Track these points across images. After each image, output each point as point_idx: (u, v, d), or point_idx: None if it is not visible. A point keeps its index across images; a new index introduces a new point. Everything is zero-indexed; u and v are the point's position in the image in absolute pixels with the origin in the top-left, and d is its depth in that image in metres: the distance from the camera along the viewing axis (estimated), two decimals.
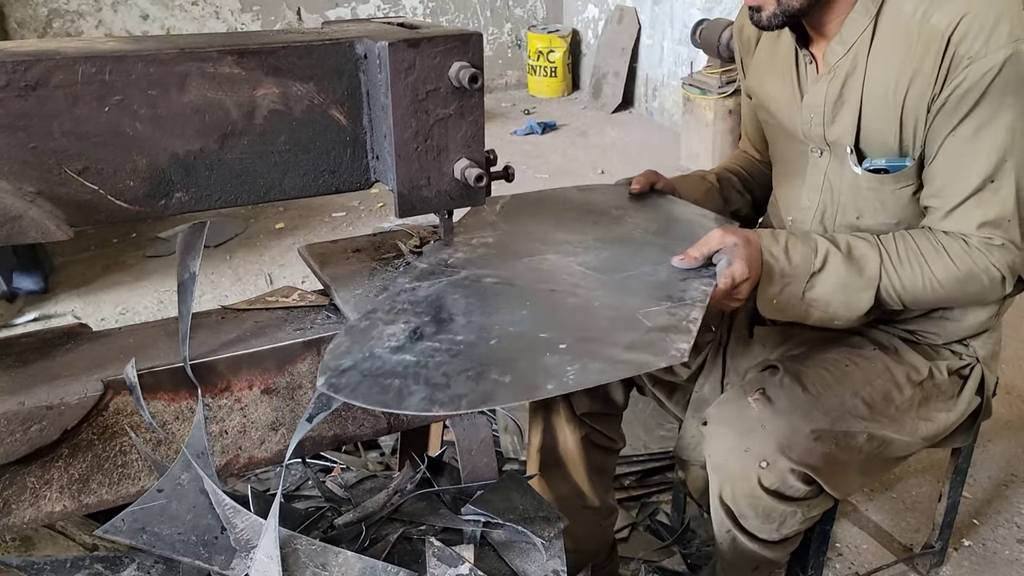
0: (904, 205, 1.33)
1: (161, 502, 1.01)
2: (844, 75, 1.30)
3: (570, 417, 1.56)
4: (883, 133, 1.29)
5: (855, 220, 1.39)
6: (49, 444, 1.01)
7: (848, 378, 1.34)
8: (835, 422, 1.29)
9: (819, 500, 1.32)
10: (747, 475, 1.26)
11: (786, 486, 1.26)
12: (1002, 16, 1.15)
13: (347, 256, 1.32)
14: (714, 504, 1.36)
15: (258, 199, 1.06)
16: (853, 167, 1.34)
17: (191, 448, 1.03)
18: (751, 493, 1.27)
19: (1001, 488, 2.16)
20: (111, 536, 0.97)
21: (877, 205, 1.35)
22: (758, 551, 1.36)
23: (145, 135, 0.96)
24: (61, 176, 0.93)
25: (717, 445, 1.31)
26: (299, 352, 1.14)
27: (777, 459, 1.24)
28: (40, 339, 1.15)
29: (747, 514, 1.31)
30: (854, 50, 1.28)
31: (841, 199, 1.39)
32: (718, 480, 1.32)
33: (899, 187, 1.32)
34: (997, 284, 1.25)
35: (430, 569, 1.06)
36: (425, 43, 1.01)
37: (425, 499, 1.25)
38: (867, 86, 1.27)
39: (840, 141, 1.34)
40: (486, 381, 0.94)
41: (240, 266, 3.54)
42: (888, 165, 1.31)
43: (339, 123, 1.06)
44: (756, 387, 1.32)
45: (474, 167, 1.08)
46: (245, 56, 0.98)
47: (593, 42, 6.19)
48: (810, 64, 1.36)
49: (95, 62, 0.90)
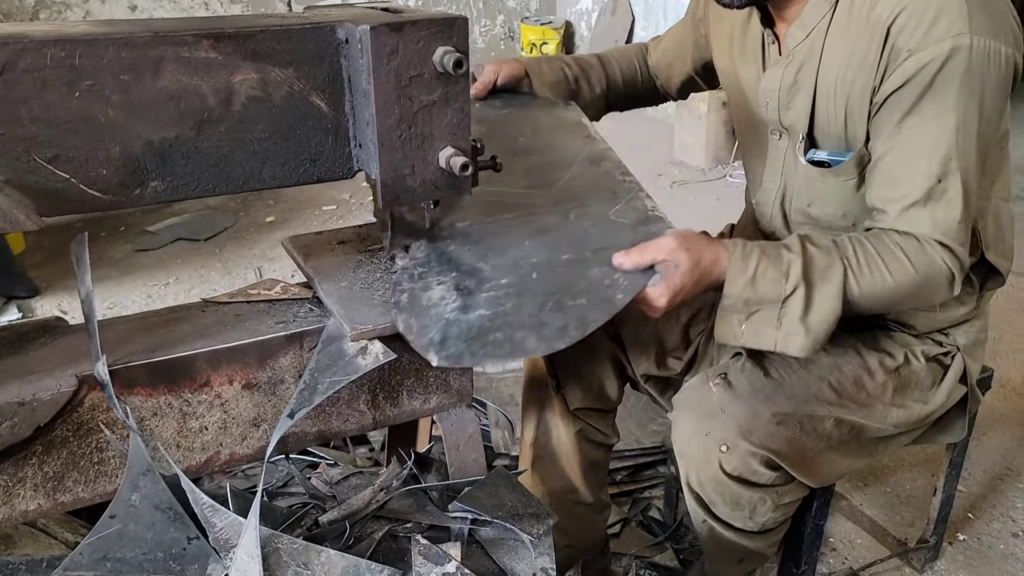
0: (849, 198, 1.32)
1: (117, 527, 0.98)
2: (800, 61, 1.28)
3: (564, 412, 1.54)
4: (831, 124, 1.27)
5: (807, 207, 1.38)
6: (22, 441, 0.97)
7: (815, 363, 1.32)
8: (798, 406, 1.27)
9: (790, 487, 1.30)
10: (709, 459, 1.26)
11: (749, 471, 1.25)
12: (942, 10, 1.12)
13: (332, 248, 1.29)
14: (686, 492, 1.35)
15: (237, 189, 1.03)
16: (799, 157, 1.33)
17: (133, 469, 1.00)
18: (715, 478, 1.27)
19: (996, 482, 2.15)
20: (72, 573, 0.94)
21: (825, 195, 1.34)
22: (738, 541, 1.35)
23: (118, 122, 0.93)
24: (30, 164, 0.90)
25: (680, 430, 1.31)
26: (281, 346, 1.11)
27: (737, 442, 1.22)
28: (14, 333, 1.12)
29: (715, 500, 1.30)
30: (812, 36, 1.26)
31: (797, 186, 1.38)
32: (684, 466, 1.32)
33: (843, 180, 1.30)
34: (946, 286, 1.22)
35: (416, 567, 1.03)
36: (408, 27, 0.98)
37: (412, 496, 1.22)
38: (821, 74, 1.26)
39: (795, 127, 1.33)
40: (568, 307, 1.05)
41: (230, 260, 3.51)
42: (829, 159, 1.30)
43: (320, 110, 1.03)
44: (718, 373, 1.31)
45: (460, 156, 1.05)
46: (222, 40, 0.95)
47: (587, 34, 6.16)
48: (772, 44, 1.35)
49: (64, 46, 0.87)
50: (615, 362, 1.55)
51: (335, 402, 1.17)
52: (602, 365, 1.54)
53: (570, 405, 1.54)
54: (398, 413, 1.23)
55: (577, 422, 1.55)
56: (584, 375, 1.51)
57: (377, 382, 1.19)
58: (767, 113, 1.36)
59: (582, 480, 1.58)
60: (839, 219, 1.35)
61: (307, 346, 1.12)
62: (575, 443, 1.56)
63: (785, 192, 1.40)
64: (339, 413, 1.18)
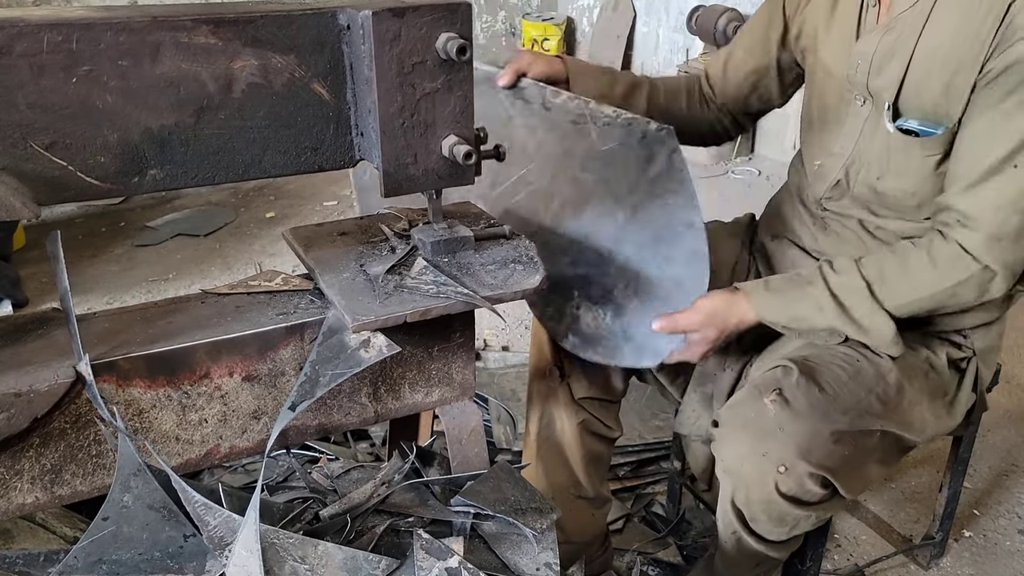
0: (927, 176, 1.29)
1: (111, 529, 0.96)
2: (903, 28, 1.26)
3: (568, 401, 1.52)
4: (924, 95, 1.25)
5: (875, 180, 1.35)
6: (19, 433, 0.96)
7: (861, 374, 1.29)
8: (853, 421, 1.24)
9: (832, 503, 1.27)
10: (764, 480, 1.21)
11: (803, 491, 1.21)
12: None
13: (333, 239, 1.27)
14: (724, 507, 1.32)
15: (237, 177, 1.01)
16: (887, 123, 1.30)
17: (124, 469, 0.98)
18: (767, 498, 1.23)
19: (1002, 478, 2.13)
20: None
21: (901, 168, 1.31)
22: (762, 551, 1.33)
23: (116, 108, 0.91)
24: (27, 151, 0.89)
25: (731, 449, 1.25)
26: (282, 337, 1.10)
27: (796, 463, 1.18)
28: (11, 325, 1.10)
29: (759, 518, 1.27)
30: (920, 5, 1.24)
31: (871, 155, 1.35)
32: (731, 484, 1.28)
33: (926, 154, 1.28)
34: (992, 283, 1.21)
35: (418, 562, 1.02)
36: (410, 12, 0.96)
37: (413, 490, 1.21)
38: (921, 44, 1.24)
39: (882, 94, 1.30)
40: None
41: (230, 255, 3.49)
42: (919, 128, 1.27)
43: (321, 97, 1.02)
44: (772, 388, 1.24)
45: (463, 144, 1.04)
46: (221, 25, 0.93)
47: (588, 30, 6.14)
48: (873, 7, 1.32)
49: (61, 30, 0.85)
50: None
51: (336, 395, 1.16)
52: None
53: (575, 395, 1.52)
54: (400, 406, 1.22)
55: (581, 412, 1.53)
56: (590, 365, 1.50)
57: (379, 375, 1.18)
58: (855, 76, 1.33)
59: (584, 474, 1.57)
60: (907, 196, 1.33)
61: (308, 338, 1.11)
62: (578, 434, 1.54)
63: (855, 161, 1.38)
64: (340, 406, 1.17)
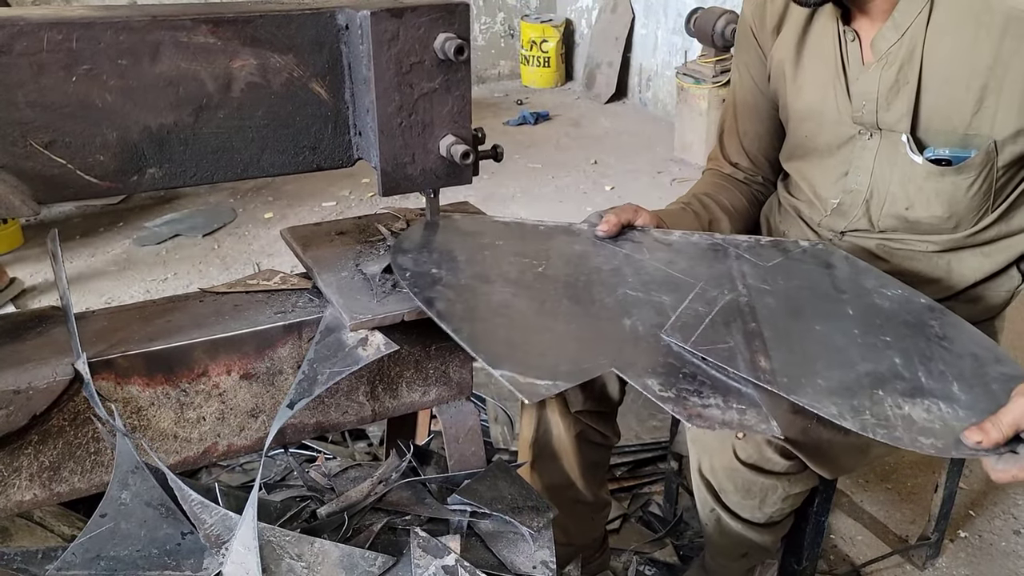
0: (959, 198, 1.29)
1: (109, 526, 0.97)
2: (900, 62, 1.25)
3: (564, 412, 1.52)
4: (949, 120, 1.24)
5: (904, 211, 1.34)
6: (17, 430, 0.96)
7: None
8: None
9: (802, 477, 1.29)
10: (723, 446, 1.26)
11: (764, 459, 1.24)
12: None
13: (331, 239, 1.28)
14: (695, 480, 1.35)
15: (235, 176, 1.02)
16: (911, 155, 1.28)
17: (121, 467, 0.99)
18: (728, 465, 1.26)
19: None
20: (65, 573, 0.93)
21: (931, 196, 1.30)
22: (743, 533, 1.34)
23: (115, 107, 0.92)
24: (27, 149, 0.89)
25: None
26: (279, 336, 1.10)
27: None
28: (10, 322, 1.11)
29: (727, 488, 1.30)
30: (909, 34, 1.24)
31: (891, 187, 1.33)
32: (696, 453, 1.32)
33: (960, 178, 1.27)
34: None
35: (415, 560, 1.02)
36: (409, 13, 0.97)
37: (410, 488, 1.21)
38: (927, 71, 1.23)
39: (895, 127, 1.29)
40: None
41: (228, 255, 3.50)
42: (951, 156, 1.26)
43: (320, 97, 1.02)
44: None
45: (460, 144, 1.04)
46: (221, 25, 0.94)
47: (587, 32, 6.15)
48: (852, 42, 1.31)
49: (61, 29, 0.86)
50: None
51: (334, 393, 1.16)
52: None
53: (571, 407, 1.52)
54: (397, 405, 1.22)
55: (578, 424, 1.52)
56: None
57: (376, 374, 1.18)
58: (863, 116, 1.32)
59: (582, 480, 1.56)
60: (943, 221, 1.32)
61: (306, 336, 1.11)
62: (575, 445, 1.53)
63: (874, 195, 1.36)
64: (338, 405, 1.17)
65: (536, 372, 0.91)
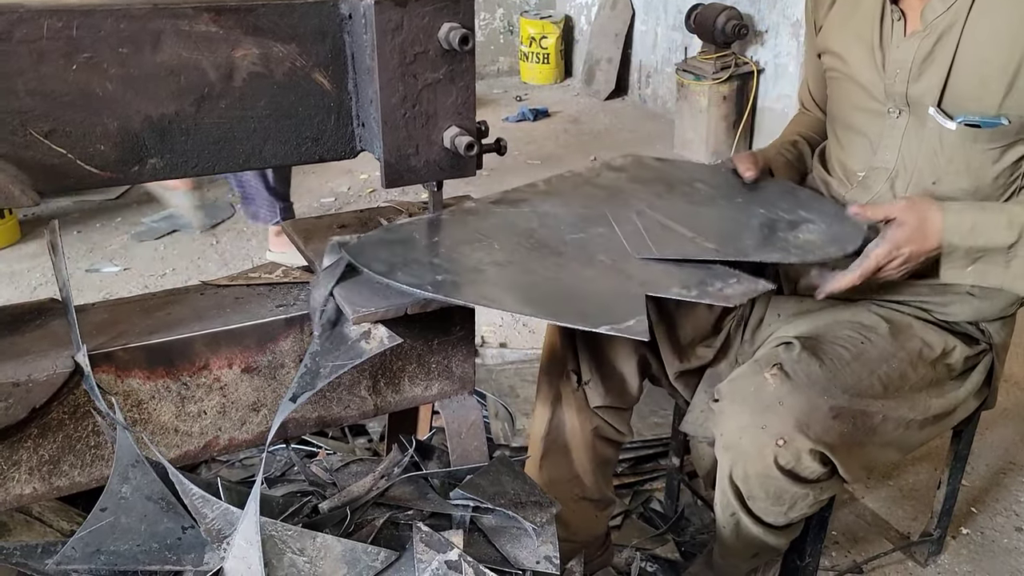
0: (986, 170, 1.30)
1: (109, 520, 0.96)
2: (939, 33, 1.27)
3: (582, 407, 1.51)
4: (980, 93, 1.26)
5: (931, 186, 1.35)
6: (17, 423, 0.95)
7: (864, 356, 1.31)
8: (852, 400, 1.25)
9: (831, 483, 1.28)
10: (762, 453, 1.22)
11: (801, 466, 1.22)
12: None
13: (333, 232, 1.27)
14: (722, 485, 1.32)
15: (238, 167, 1.01)
16: (943, 123, 1.30)
17: (122, 461, 0.98)
18: (765, 472, 1.23)
19: (1000, 476, 2.13)
20: (65, 567, 0.92)
21: (960, 167, 1.32)
22: (760, 536, 1.32)
23: (116, 96, 0.91)
24: (26, 138, 0.88)
25: (731, 423, 1.26)
26: (281, 329, 1.09)
27: (795, 437, 1.19)
28: (9, 314, 1.10)
29: (757, 495, 1.27)
30: (955, 8, 1.25)
31: (918, 163, 1.35)
32: (729, 459, 1.28)
33: (990, 147, 1.29)
34: None
35: (417, 555, 1.02)
36: (413, 2, 0.96)
37: (413, 483, 1.20)
38: (963, 45, 1.25)
39: (923, 100, 1.31)
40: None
41: (227, 252, 3.48)
42: (981, 122, 1.28)
43: (323, 87, 1.01)
44: (773, 362, 1.27)
45: (465, 135, 1.03)
46: (223, 14, 0.93)
47: (586, 28, 6.13)
48: (899, 21, 1.33)
49: (61, 16, 0.85)
50: (640, 359, 1.52)
51: (336, 387, 1.15)
52: (627, 363, 1.50)
53: (590, 403, 1.50)
54: (399, 399, 1.21)
55: (595, 419, 1.51)
56: (608, 373, 1.49)
57: (378, 368, 1.17)
58: (894, 86, 1.34)
59: (591, 476, 1.55)
60: (968, 195, 1.33)
61: (308, 329, 1.10)
62: (590, 440, 1.52)
63: (900, 172, 1.38)
64: (340, 399, 1.17)
65: (606, 319, 0.98)
